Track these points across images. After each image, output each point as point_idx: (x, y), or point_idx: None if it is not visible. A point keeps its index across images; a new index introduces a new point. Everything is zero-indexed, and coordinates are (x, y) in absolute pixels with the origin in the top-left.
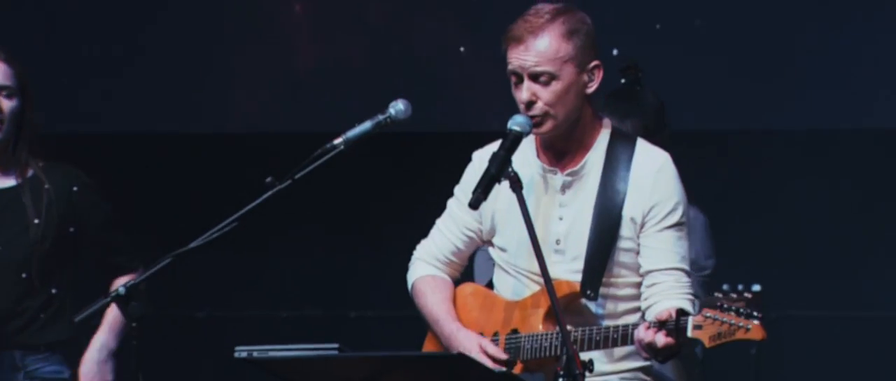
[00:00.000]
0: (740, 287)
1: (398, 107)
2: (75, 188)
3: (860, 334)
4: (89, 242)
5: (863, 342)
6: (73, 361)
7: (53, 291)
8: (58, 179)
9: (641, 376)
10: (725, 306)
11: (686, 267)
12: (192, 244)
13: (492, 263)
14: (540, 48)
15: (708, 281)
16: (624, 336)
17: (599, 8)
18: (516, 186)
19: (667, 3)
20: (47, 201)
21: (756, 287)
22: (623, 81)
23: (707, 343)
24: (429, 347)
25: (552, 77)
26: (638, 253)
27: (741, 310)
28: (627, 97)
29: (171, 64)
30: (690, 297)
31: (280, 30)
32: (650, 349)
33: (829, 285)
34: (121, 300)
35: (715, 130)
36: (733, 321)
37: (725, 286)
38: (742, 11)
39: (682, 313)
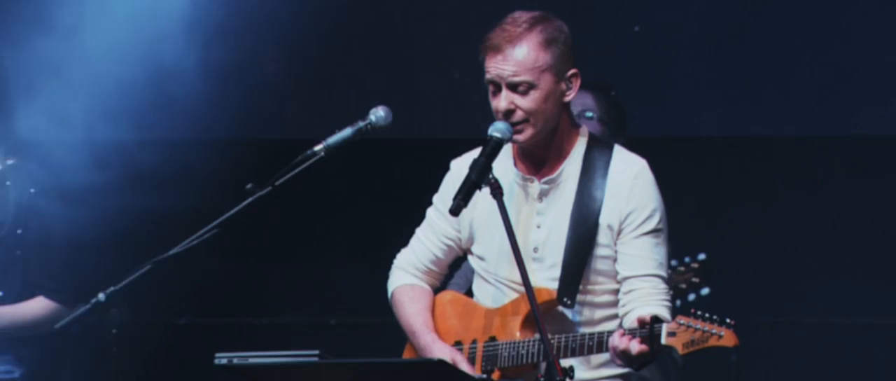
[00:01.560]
0: (687, 259)
1: (379, 113)
2: (33, 190)
3: (839, 340)
4: (27, 249)
5: (842, 348)
6: (26, 361)
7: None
8: (20, 179)
9: None
10: (680, 284)
11: (663, 274)
12: (172, 251)
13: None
14: (518, 57)
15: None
16: (599, 343)
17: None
18: (497, 192)
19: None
20: (3, 199)
21: (701, 256)
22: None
23: (680, 350)
24: (408, 355)
25: (530, 86)
26: (615, 260)
27: (715, 317)
28: (599, 87)
29: (155, 70)
30: (667, 303)
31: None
32: (624, 357)
33: (811, 292)
34: (101, 308)
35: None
36: (706, 328)
37: (673, 262)
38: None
39: (656, 320)
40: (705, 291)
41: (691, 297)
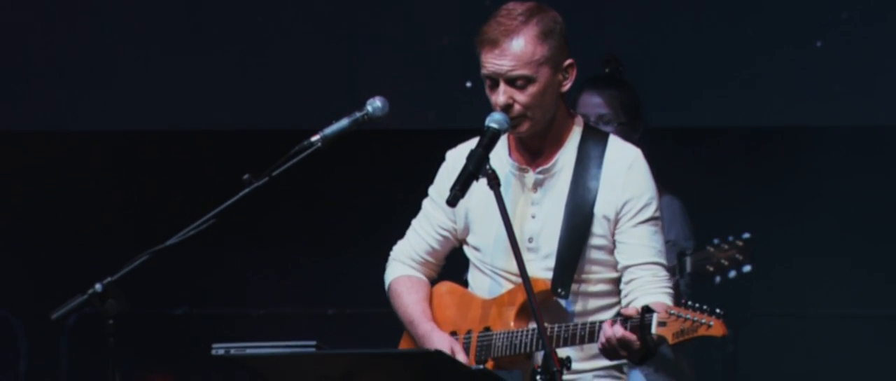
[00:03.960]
0: (731, 238)
1: (376, 104)
2: None
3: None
4: None
5: (841, 340)
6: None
7: None
8: None
9: (615, 373)
10: (722, 260)
11: (663, 261)
12: (170, 241)
13: None
14: (516, 52)
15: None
16: (591, 333)
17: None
18: (494, 183)
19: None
20: None
21: (746, 235)
22: (607, 70)
23: (670, 340)
24: (405, 346)
25: (528, 80)
26: (610, 251)
27: (704, 307)
28: (615, 84)
29: (149, 61)
30: (668, 290)
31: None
32: (613, 348)
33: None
34: (97, 298)
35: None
36: (696, 318)
37: (716, 239)
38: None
39: (646, 310)
40: (747, 268)
41: (732, 274)
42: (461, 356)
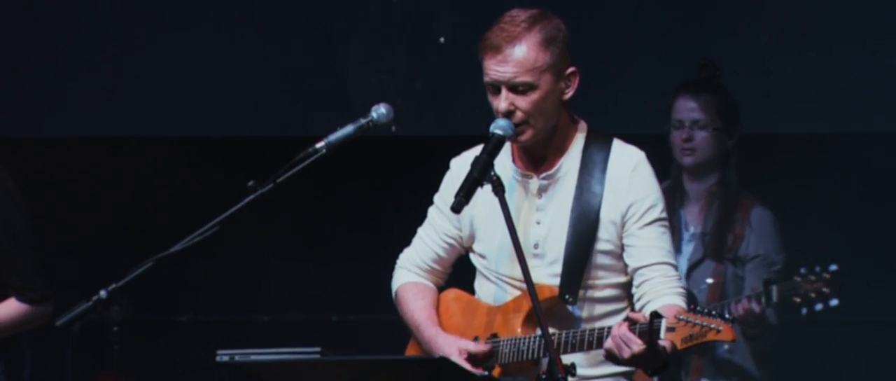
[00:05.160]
0: (817, 268)
1: (380, 111)
2: None
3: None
4: None
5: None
6: (7, 362)
7: None
8: None
9: (623, 379)
10: (810, 293)
11: (672, 261)
12: (175, 248)
13: None
14: (518, 58)
15: (780, 275)
16: (599, 339)
17: None
18: (498, 190)
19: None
20: None
21: (833, 267)
22: (703, 74)
23: (679, 345)
24: (411, 352)
25: (530, 87)
26: (617, 255)
27: (713, 312)
28: (711, 88)
29: (157, 66)
30: (680, 290)
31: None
32: (624, 345)
33: None
34: (102, 304)
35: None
36: (705, 323)
37: (802, 270)
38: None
39: (655, 315)
40: (834, 302)
41: (818, 307)
42: (471, 347)
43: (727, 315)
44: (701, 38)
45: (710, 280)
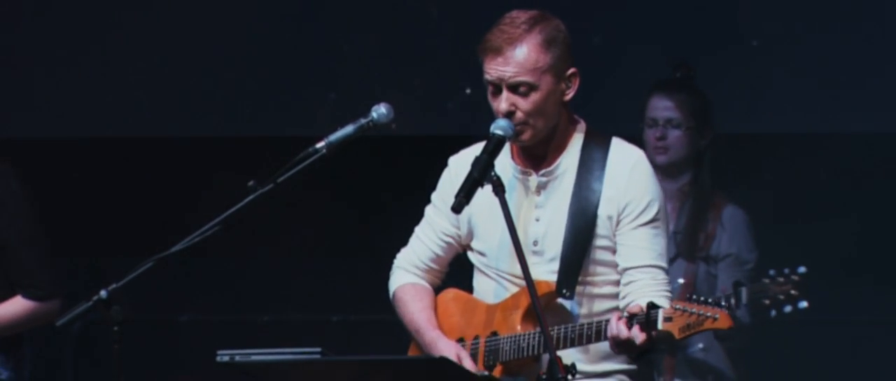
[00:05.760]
0: (786, 271)
1: (380, 110)
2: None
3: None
4: (1, 248)
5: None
6: (16, 362)
7: None
8: None
9: (623, 377)
10: (778, 295)
11: (662, 264)
12: (175, 248)
13: None
14: (518, 59)
15: (752, 274)
16: (598, 332)
17: None
18: (499, 190)
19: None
20: None
21: (801, 269)
22: (677, 75)
23: (677, 334)
24: (414, 353)
25: (531, 88)
26: (615, 252)
27: (709, 300)
28: (685, 88)
29: (158, 66)
30: (667, 293)
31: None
32: (622, 344)
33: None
34: (103, 304)
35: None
36: (701, 311)
37: (771, 272)
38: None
39: (651, 306)
40: (803, 304)
41: (787, 309)
42: (468, 363)
43: (723, 303)
44: (675, 40)
45: (681, 280)
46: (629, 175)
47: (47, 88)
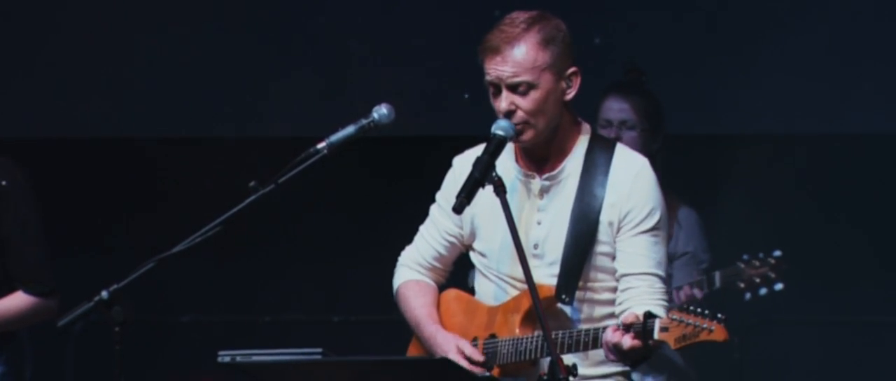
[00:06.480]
0: (761, 255)
1: (382, 111)
2: (4, 182)
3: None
4: (2, 243)
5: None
6: (9, 356)
7: None
8: None
9: (621, 379)
10: (754, 278)
11: (660, 273)
12: (176, 249)
13: None
14: (517, 58)
15: (706, 274)
16: (595, 339)
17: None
18: (500, 190)
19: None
20: None
21: (777, 253)
22: (628, 78)
23: (673, 345)
24: (413, 351)
25: (530, 86)
26: (615, 258)
27: (706, 312)
28: (639, 91)
29: (158, 66)
30: (664, 302)
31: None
32: (617, 352)
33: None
34: (104, 305)
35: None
36: (698, 323)
37: (746, 256)
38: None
39: (648, 315)
40: (779, 286)
41: (763, 291)
42: (468, 350)
43: (720, 315)
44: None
45: None
46: (632, 182)
47: (45, 89)
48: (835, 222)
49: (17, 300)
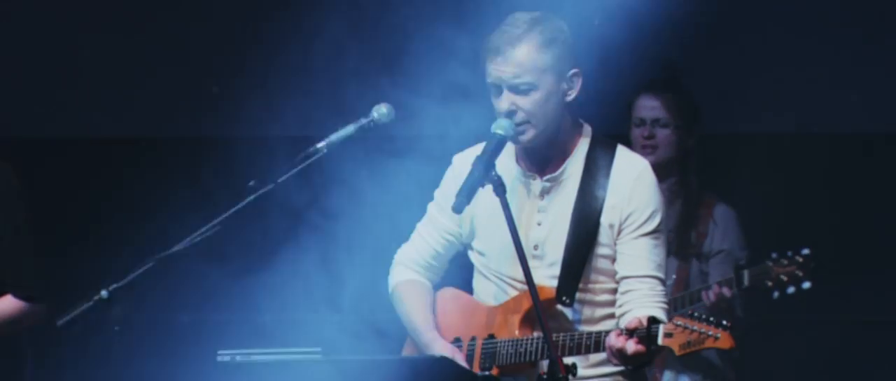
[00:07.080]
0: (790, 253)
1: (381, 110)
2: None
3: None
4: None
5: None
6: (6, 360)
7: None
8: None
9: (619, 378)
10: (781, 276)
11: (661, 275)
12: (176, 248)
13: None
14: (518, 58)
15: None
16: (596, 343)
17: None
18: (500, 190)
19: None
20: None
21: (805, 251)
22: (665, 75)
23: (677, 351)
24: (408, 351)
25: (531, 87)
26: (615, 260)
27: (711, 319)
28: (673, 88)
29: (158, 66)
30: (663, 305)
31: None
32: (621, 356)
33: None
34: (103, 304)
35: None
36: (703, 330)
37: (774, 254)
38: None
39: (653, 321)
40: (806, 285)
41: (790, 290)
42: (462, 366)
43: (725, 323)
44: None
45: (673, 276)
46: (633, 185)
47: (46, 88)
48: (835, 222)
49: (5, 304)
